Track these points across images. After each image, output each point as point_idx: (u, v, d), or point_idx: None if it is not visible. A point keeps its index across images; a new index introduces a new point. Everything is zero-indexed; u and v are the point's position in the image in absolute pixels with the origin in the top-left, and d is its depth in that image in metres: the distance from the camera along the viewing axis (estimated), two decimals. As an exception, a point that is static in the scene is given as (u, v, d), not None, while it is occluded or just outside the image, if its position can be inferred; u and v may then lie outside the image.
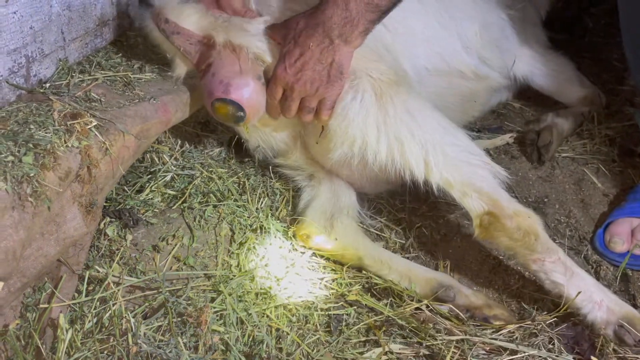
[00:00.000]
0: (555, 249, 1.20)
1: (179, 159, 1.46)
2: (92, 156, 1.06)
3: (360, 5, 1.10)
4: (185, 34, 1.28)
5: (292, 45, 1.18)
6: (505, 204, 1.19)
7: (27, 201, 0.92)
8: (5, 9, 1.03)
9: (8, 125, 0.99)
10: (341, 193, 1.44)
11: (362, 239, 1.36)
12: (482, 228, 1.20)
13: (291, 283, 1.25)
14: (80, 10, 1.28)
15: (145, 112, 1.21)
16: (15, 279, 0.98)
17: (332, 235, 1.34)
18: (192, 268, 1.24)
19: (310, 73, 1.19)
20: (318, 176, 1.45)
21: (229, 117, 1.27)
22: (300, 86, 1.20)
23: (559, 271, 1.18)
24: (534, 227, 1.18)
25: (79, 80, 1.21)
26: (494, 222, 1.18)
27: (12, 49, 1.07)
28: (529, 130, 1.76)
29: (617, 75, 2.02)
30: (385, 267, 1.30)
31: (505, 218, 1.17)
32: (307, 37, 1.16)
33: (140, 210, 1.32)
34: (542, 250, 1.18)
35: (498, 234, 1.19)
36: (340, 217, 1.37)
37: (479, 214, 1.20)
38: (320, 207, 1.39)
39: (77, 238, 1.09)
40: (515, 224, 1.17)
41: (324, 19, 1.13)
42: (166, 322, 1.09)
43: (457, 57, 1.57)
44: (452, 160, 1.22)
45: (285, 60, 1.19)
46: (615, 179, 1.62)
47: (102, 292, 1.12)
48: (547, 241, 1.20)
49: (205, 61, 1.28)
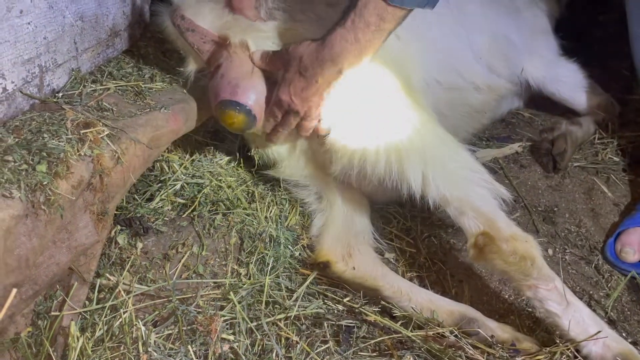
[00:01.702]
0: (551, 277, 1.15)
1: (188, 168, 1.47)
2: (104, 165, 1.07)
3: (368, 35, 1.09)
4: (200, 32, 1.27)
5: (297, 76, 1.18)
6: (503, 226, 1.14)
7: (41, 209, 0.93)
8: (20, 19, 1.05)
9: (22, 134, 1.00)
10: (354, 216, 1.41)
11: (381, 268, 1.32)
12: (476, 249, 1.15)
13: (302, 294, 1.25)
14: (92, 21, 1.30)
15: (156, 121, 1.22)
16: (27, 287, 0.98)
17: (350, 264, 1.31)
18: (202, 276, 1.24)
19: (317, 100, 1.19)
20: (327, 197, 1.42)
21: (234, 120, 1.25)
22: (306, 111, 1.21)
23: (554, 300, 1.14)
24: (530, 252, 1.13)
25: (91, 90, 1.22)
26: (489, 244, 1.13)
27: (27, 59, 1.09)
28: (543, 139, 1.77)
29: (626, 85, 2.01)
30: (405, 298, 1.26)
31: (501, 240, 1.12)
32: (314, 72, 1.15)
33: (151, 219, 1.33)
34: (538, 277, 1.14)
35: (493, 256, 1.14)
36: (358, 245, 1.34)
37: (474, 234, 1.15)
38: (336, 234, 1.36)
39: (89, 246, 1.09)
40: (512, 247, 1.12)
41: (332, 55, 1.12)
42: (176, 330, 1.09)
43: (470, 68, 1.57)
44: (452, 175, 1.19)
45: (289, 88, 1.19)
46: (625, 189, 1.61)
47: (113, 300, 1.13)
48: (544, 267, 1.15)
49: (215, 62, 1.28)
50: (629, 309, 1.30)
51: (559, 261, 1.42)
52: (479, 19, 1.64)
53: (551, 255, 1.44)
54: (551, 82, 1.83)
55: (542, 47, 1.85)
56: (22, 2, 1.05)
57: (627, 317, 1.29)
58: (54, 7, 1.15)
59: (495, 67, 1.67)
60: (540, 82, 1.83)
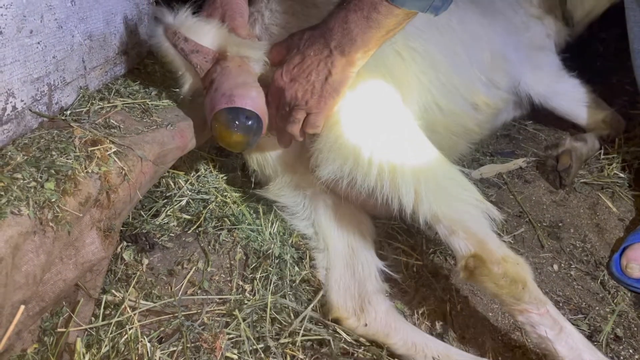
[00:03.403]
0: (544, 301, 1.13)
1: (194, 184, 1.48)
2: (111, 181, 1.08)
3: (360, 20, 1.07)
4: (204, 52, 1.26)
5: (294, 53, 1.17)
6: (494, 248, 1.12)
7: (48, 226, 0.94)
8: (30, 39, 1.07)
9: (31, 152, 1.02)
10: (357, 252, 1.36)
11: (394, 323, 1.25)
12: (467, 271, 1.13)
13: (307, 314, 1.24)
14: (100, 40, 1.32)
15: (163, 138, 1.23)
16: (34, 303, 0.99)
17: (362, 321, 1.26)
18: (207, 292, 1.25)
19: (304, 82, 1.16)
20: (322, 233, 1.38)
21: (234, 128, 1.18)
22: (291, 93, 1.17)
23: (546, 325, 1.11)
24: (522, 275, 1.11)
25: (98, 108, 1.24)
26: (480, 266, 1.11)
27: (36, 77, 1.10)
28: (548, 156, 1.77)
29: (630, 100, 2.02)
30: (420, 355, 1.21)
31: (492, 263, 1.10)
32: (309, 46, 1.14)
33: (156, 235, 1.34)
34: (530, 301, 1.11)
35: (483, 278, 1.11)
36: (368, 296, 1.29)
37: (465, 256, 1.12)
38: (343, 283, 1.31)
39: (95, 262, 1.10)
40: (503, 270, 1.10)
41: (325, 29, 1.12)
42: (181, 346, 1.09)
43: (472, 87, 1.57)
44: (444, 193, 1.16)
45: (284, 66, 1.18)
46: (630, 204, 1.61)
47: (119, 317, 1.13)
48: (535, 291, 1.13)
49: (209, 77, 1.26)
50: (635, 325, 1.30)
51: (564, 277, 1.42)
52: (479, 35, 1.65)
53: (557, 270, 1.44)
54: (552, 97, 1.84)
55: (542, 62, 1.86)
56: (33, 22, 1.07)
57: (633, 334, 1.28)
58: (64, 26, 1.17)
59: (496, 81, 1.68)
60: (542, 97, 1.84)
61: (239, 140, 1.20)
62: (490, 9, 1.78)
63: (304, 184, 1.39)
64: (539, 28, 1.92)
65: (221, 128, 1.19)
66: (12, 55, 1.02)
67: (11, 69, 1.02)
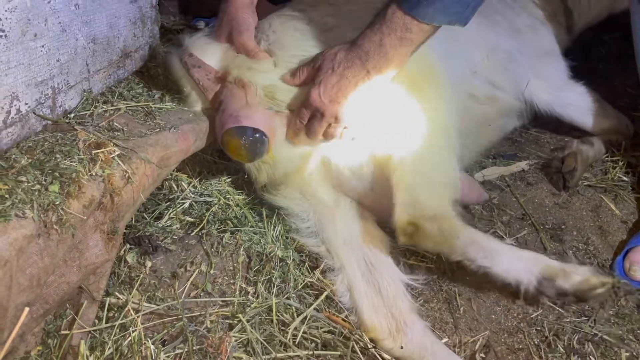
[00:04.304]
0: (474, 237, 1.22)
1: (197, 186, 1.48)
2: (115, 184, 1.09)
3: (394, 41, 1.13)
4: (206, 69, 1.32)
5: (329, 73, 1.21)
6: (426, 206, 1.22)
7: (53, 229, 0.94)
8: (34, 43, 1.07)
9: (35, 155, 1.02)
10: (380, 270, 1.34)
11: (431, 345, 1.24)
12: (406, 236, 1.23)
13: (311, 316, 1.24)
14: (104, 43, 1.33)
15: (166, 140, 1.23)
16: (38, 306, 0.99)
17: (398, 342, 1.23)
18: (210, 295, 1.25)
19: (344, 100, 1.22)
20: (333, 250, 1.36)
21: (242, 147, 1.27)
22: (332, 112, 1.23)
23: (481, 256, 1.21)
24: (454, 228, 1.21)
25: (102, 111, 1.24)
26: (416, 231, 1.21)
27: (40, 80, 1.11)
28: (553, 158, 1.77)
29: (632, 103, 2.02)
30: None
31: (426, 222, 1.20)
32: (346, 68, 1.19)
33: (159, 237, 1.34)
34: (464, 245, 1.21)
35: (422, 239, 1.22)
36: (403, 316, 1.27)
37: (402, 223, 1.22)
38: (372, 304, 1.29)
39: (99, 265, 1.10)
40: (437, 226, 1.20)
41: (361, 53, 1.17)
42: (185, 349, 1.09)
43: (467, 81, 1.57)
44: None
45: (320, 86, 1.22)
46: (633, 206, 1.61)
47: (122, 319, 1.13)
48: (467, 234, 1.22)
49: (217, 98, 1.33)
50: (639, 327, 1.29)
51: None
52: (475, 34, 1.63)
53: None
54: (559, 106, 1.79)
55: (548, 69, 1.83)
56: (37, 25, 1.07)
57: (637, 336, 1.27)
58: (67, 30, 1.17)
59: (496, 81, 1.65)
60: (548, 105, 1.79)
61: (246, 151, 1.28)
62: (492, 11, 1.77)
63: (309, 197, 1.40)
64: (546, 30, 1.90)
65: (230, 143, 1.28)
66: (16, 58, 1.03)
67: (15, 72, 1.03)
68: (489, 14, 1.74)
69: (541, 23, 1.90)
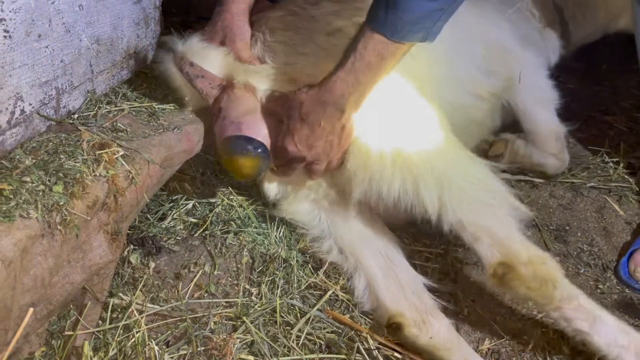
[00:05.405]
0: (575, 294, 1.13)
1: (200, 187, 1.48)
2: (119, 185, 1.08)
3: (369, 76, 1.11)
4: (209, 78, 1.29)
5: (299, 124, 1.19)
6: (520, 249, 1.11)
7: (57, 229, 0.94)
8: (38, 43, 1.07)
9: (39, 155, 1.02)
10: (396, 263, 1.32)
11: (456, 338, 1.22)
12: (496, 278, 1.13)
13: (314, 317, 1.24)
14: (108, 44, 1.33)
15: (170, 141, 1.23)
16: (42, 306, 0.99)
17: (425, 332, 1.20)
18: (214, 296, 1.24)
19: (323, 144, 1.20)
20: (347, 248, 1.34)
21: (245, 160, 1.22)
22: (313, 157, 1.22)
23: (580, 318, 1.12)
24: (551, 274, 1.11)
25: (106, 111, 1.24)
26: (508, 272, 1.11)
27: (44, 81, 1.11)
28: (484, 141, 1.70)
29: (635, 103, 2.02)
30: None
31: (520, 265, 1.10)
32: (317, 116, 1.16)
33: (163, 238, 1.34)
34: (562, 298, 1.12)
35: (514, 283, 1.11)
36: (429, 310, 1.24)
37: (492, 264, 1.13)
38: (395, 295, 1.26)
39: (103, 265, 1.10)
40: (531, 271, 1.10)
41: (334, 98, 1.13)
42: (190, 350, 1.09)
43: (474, 79, 1.53)
44: (468, 198, 1.16)
45: (294, 136, 1.20)
46: (638, 207, 1.61)
47: (126, 320, 1.13)
48: (567, 287, 1.13)
49: (217, 105, 1.29)
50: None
51: (571, 280, 1.41)
52: (473, 27, 1.60)
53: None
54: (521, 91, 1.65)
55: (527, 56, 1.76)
56: (41, 26, 1.07)
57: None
58: (71, 31, 1.17)
59: (494, 70, 1.61)
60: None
61: (247, 166, 1.22)
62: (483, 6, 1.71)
63: (319, 199, 1.39)
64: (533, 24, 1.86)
65: (229, 154, 1.22)
66: (20, 59, 1.03)
67: (20, 72, 1.03)
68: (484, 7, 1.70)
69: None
